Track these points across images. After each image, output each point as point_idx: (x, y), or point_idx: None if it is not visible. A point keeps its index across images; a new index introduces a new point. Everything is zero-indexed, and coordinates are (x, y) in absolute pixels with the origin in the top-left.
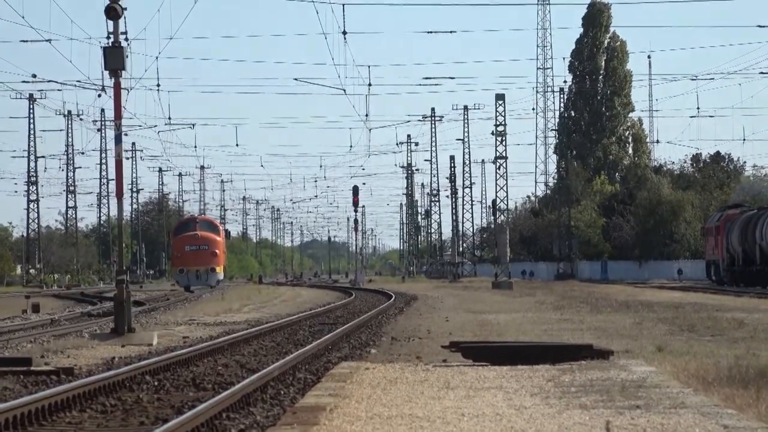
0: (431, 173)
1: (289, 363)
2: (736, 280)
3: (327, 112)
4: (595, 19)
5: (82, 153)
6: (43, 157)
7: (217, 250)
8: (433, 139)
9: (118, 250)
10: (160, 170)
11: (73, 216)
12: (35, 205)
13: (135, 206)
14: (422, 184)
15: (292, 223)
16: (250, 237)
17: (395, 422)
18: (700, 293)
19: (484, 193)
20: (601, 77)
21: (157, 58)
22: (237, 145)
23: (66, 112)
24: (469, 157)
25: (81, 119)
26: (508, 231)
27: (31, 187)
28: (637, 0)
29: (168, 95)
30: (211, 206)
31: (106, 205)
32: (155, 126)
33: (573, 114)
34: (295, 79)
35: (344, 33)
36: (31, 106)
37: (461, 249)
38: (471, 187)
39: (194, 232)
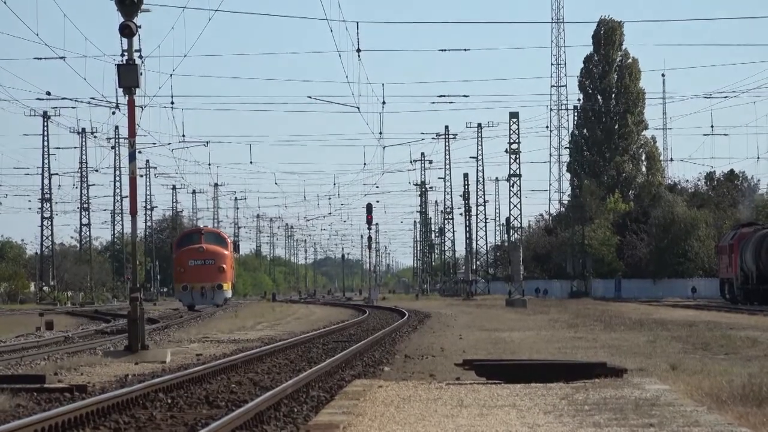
0: (445, 191)
1: (303, 381)
2: (750, 298)
3: (341, 130)
4: (607, 37)
5: (96, 170)
6: (57, 174)
7: (224, 265)
8: (447, 156)
9: (132, 268)
10: (174, 188)
11: (87, 233)
12: (49, 222)
13: (149, 224)
14: (436, 201)
15: (305, 240)
16: (263, 254)
17: None
18: (713, 311)
19: (497, 210)
20: (613, 95)
21: (171, 75)
22: (251, 162)
23: (80, 130)
24: (483, 175)
25: (95, 136)
26: (522, 249)
27: (44, 204)
28: (651, 19)
29: (182, 113)
30: (225, 224)
31: (120, 222)
32: (169, 144)
33: (586, 132)
34: (309, 97)
35: (358, 51)
36: (45, 124)
37: (475, 267)
38: (485, 205)
39: (199, 244)
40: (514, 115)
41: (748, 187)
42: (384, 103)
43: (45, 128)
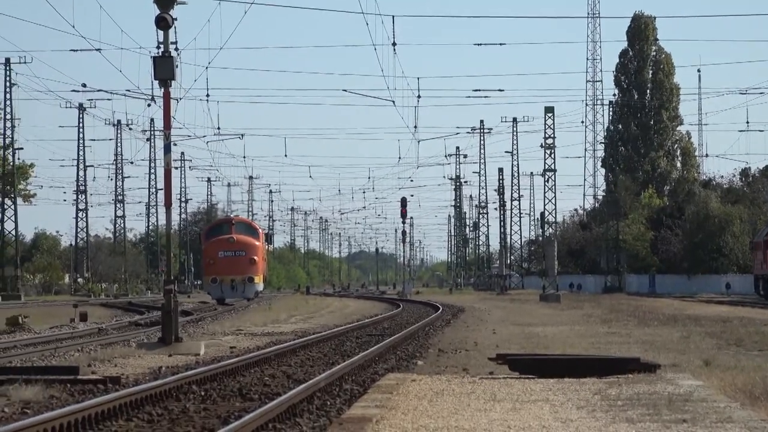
0: (479, 185)
1: (336, 374)
2: None
3: (376, 124)
4: (641, 32)
5: (131, 162)
6: (92, 166)
7: (255, 257)
8: (482, 151)
9: (167, 260)
10: (209, 180)
11: (122, 225)
12: (84, 214)
13: (183, 216)
14: (470, 196)
15: (340, 234)
16: (298, 248)
17: None
18: (748, 308)
19: (532, 205)
20: (648, 90)
21: (206, 68)
22: (285, 155)
23: (115, 122)
24: (518, 170)
25: (130, 129)
26: (556, 244)
27: (79, 196)
28: (685, 14)
29: (217, 105)
30: (259, 216)
31: (155, 214)
32: (204, 136)
33: (621, 127)
34: (345, 90)
35: (394, 44)
36: (81, 116)
37: (509, 261)
38: (519, 200)
39: (229, 235)
40: (549, 109)
41: None
42: (419, 96)
43: (81, 120)
